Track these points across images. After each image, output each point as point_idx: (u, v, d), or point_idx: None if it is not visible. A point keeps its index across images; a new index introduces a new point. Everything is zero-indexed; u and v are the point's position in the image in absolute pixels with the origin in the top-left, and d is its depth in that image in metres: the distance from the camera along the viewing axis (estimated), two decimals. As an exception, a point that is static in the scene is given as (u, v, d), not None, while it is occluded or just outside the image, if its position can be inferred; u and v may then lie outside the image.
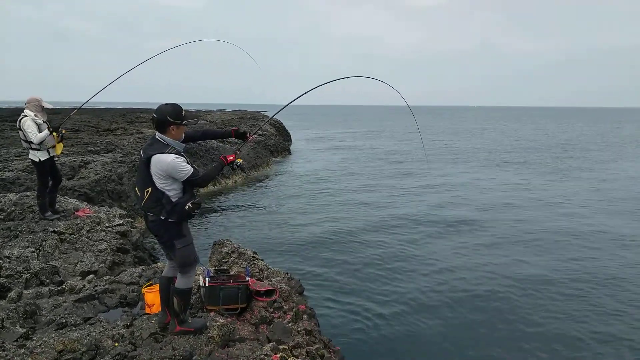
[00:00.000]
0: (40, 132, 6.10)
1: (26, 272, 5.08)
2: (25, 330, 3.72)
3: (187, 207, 3.35)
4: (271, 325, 4.13)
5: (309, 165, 23.83)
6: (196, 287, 4.52)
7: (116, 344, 3.60)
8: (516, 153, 29.81)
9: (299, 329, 4.16)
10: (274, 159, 24.31)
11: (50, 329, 3.86)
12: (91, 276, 5.32)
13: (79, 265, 5.59)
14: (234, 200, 14.62)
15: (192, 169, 3.32)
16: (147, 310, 4.20)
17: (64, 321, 3.97)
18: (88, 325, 3.89)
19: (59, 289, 4.78)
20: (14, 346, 3.49)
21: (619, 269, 8.61)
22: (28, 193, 7.81)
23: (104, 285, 4.75)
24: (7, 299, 4.40)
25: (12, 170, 10.07)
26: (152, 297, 4.18)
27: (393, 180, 19.10)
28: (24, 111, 6.17)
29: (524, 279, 8.08)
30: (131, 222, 7.48)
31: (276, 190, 16.47)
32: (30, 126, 6.05)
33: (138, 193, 3.41)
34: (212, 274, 4.48)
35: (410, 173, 21.32)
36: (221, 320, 4.00)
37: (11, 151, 12.58)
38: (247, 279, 4.51)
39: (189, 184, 3.39)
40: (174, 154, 3.27)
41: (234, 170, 3.70)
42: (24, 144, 6.27)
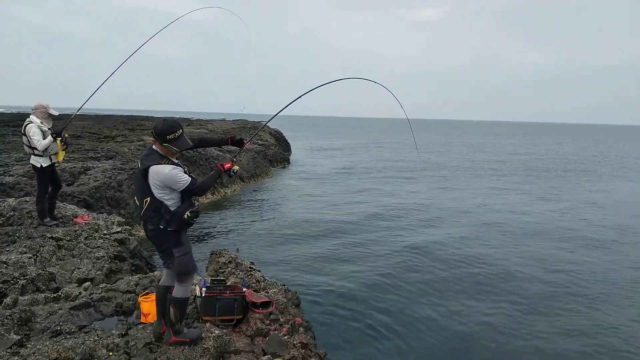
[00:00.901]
0: (45, 139, 6.14)
1: (23, 278, 5.06)
2: (19, 337, 3.70)
3: (186, 215, 3.38)
4: (267, 338, 4.11)
5: (307, 175, 23.85)
6: (192, 297, 4.51)
7: (110, 354, 3.59)
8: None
9: (294, 342, 4.15)
10: (273, 169, 24.34)
11: (44, 336, 3.84)
12: (87, 283, 5.31)
13: (75, 272, 5.57)
14: (232, 210, 14.60)
15: (190, 179, 3.35)
16: (143, 320, 4.19)
17: (58, 329, 3.95)
18: (83, 334, 3.88)
19: (54, 295, 4.77)
20: (8, 353, 3.47)
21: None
22: (27, 198, 7.81)
23: (100, 293, 4.73)
24: (2, 304, 4.38)
25: (12, 175, 10.08)
26: (148, 306, 4.17)
27: (393, 191, 19.11)
28: (30, 117, 6.20)
29: (531, 296, 8.01)
30: (129, 229, 7.49)
31: (274, 201, 16.46)
32: (36, 133, 6.08)
33: (137, 202, 3.44)
34: (209, 284, 4.48)
35: (410, 184, 21.34)
36: (217, 332, 3.99)
37: (12, 156, 12.60)
38: (244, 290, 4.50)
39: (187, 194, 3.42)
40: (171, 164, 3.31)
41: (231, 177, 3.73)
42: (27, 149, 6.29)
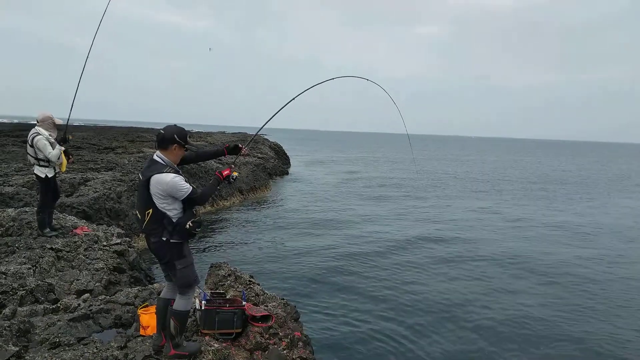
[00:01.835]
0: (54, 150, 6.19)
1: (22, 288, 5.05)
2: (17, 348, 3.68)
3: (188, 225, 3.39)
4: (266, 352, 4.10)
5: (307, 188, 23.88)
6: (192, 310, 4.50)
7: (109, 366, 3.57)
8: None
9: (294, 356, 4.14)
10: (272, 181, 24.39)
11: (43, 348, 3.83)
12: (86, 295, 5.28)
13: (74, 284, 5.56)
14: (231, 222, 14.60)
15: (191, 187, 3.39)
16: (142, 332, 4.17)
17: (57, 340, 3.93)
18: (81, 346, 3.86)
19: (53, 307, 4.75)
20: (6, 365, 3.45)
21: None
22: (27, 209, 7.81)
23: (99, 305, 4.72)
24: (1, 315, 4.36)
25: (12, 185, 10.09)
26: (148, 318, 4.16)
27: (391, 205, 19.14)
28: (37, 129, 6.20)
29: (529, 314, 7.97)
30: (129, 241, 7.47)
31: (273, 214, 16.46)
32: (46, 146, 6.12)
33: (139, 216, 3.45)
34: (208, 297, 4.48)
35: (408, 198, 21.38)
36: (216, 345, 3.98)
37: (12, 166, 12.62)
38: (244, 303, 4.50)
39: (189, 202, 3.45)
40: (172, 172, 3.35)
41: (230, 184, 3.78)
42: (31, 159, 6.32)
